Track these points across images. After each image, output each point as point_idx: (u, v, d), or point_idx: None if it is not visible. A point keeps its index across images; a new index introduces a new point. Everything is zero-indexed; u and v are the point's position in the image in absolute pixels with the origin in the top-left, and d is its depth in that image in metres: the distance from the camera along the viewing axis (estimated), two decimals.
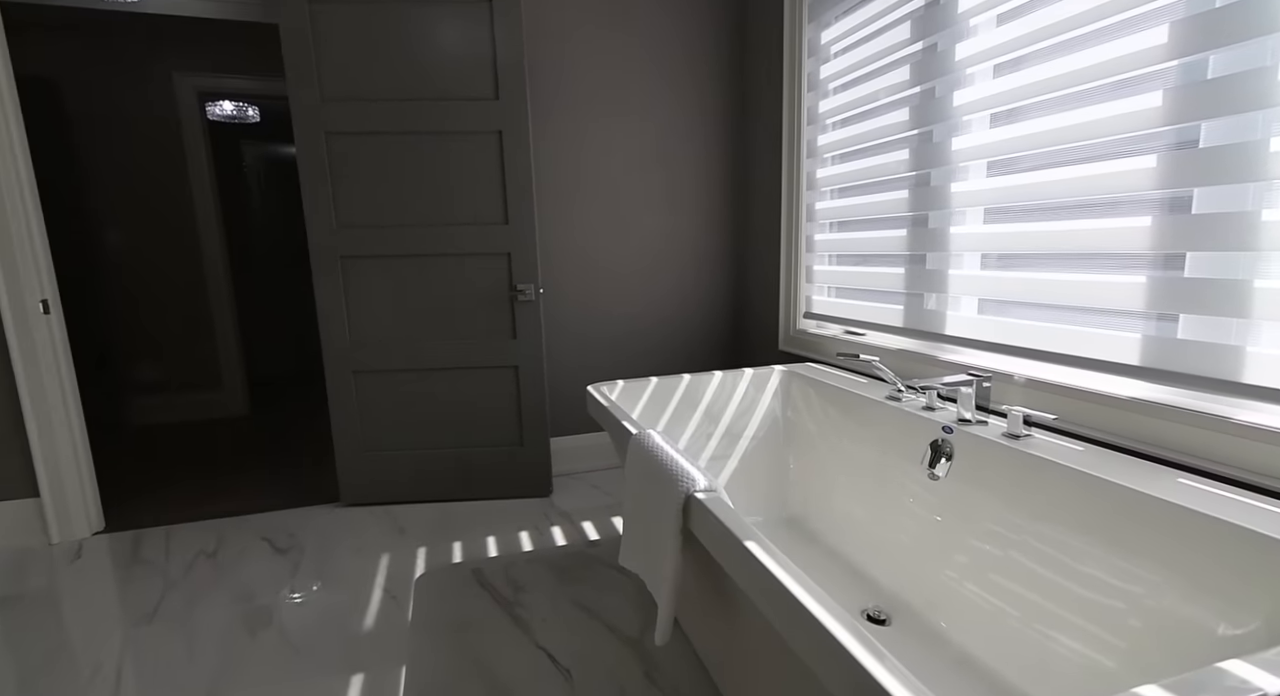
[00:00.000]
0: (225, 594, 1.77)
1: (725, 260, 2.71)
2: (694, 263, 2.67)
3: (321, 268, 2.18)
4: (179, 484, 2.66)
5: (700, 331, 2.73)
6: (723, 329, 2.76)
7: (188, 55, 3.50)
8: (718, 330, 2.76)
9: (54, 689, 1.40)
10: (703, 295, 2.71)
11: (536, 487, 2.40)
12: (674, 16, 2.46)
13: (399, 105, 2.10)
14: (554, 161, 2.43)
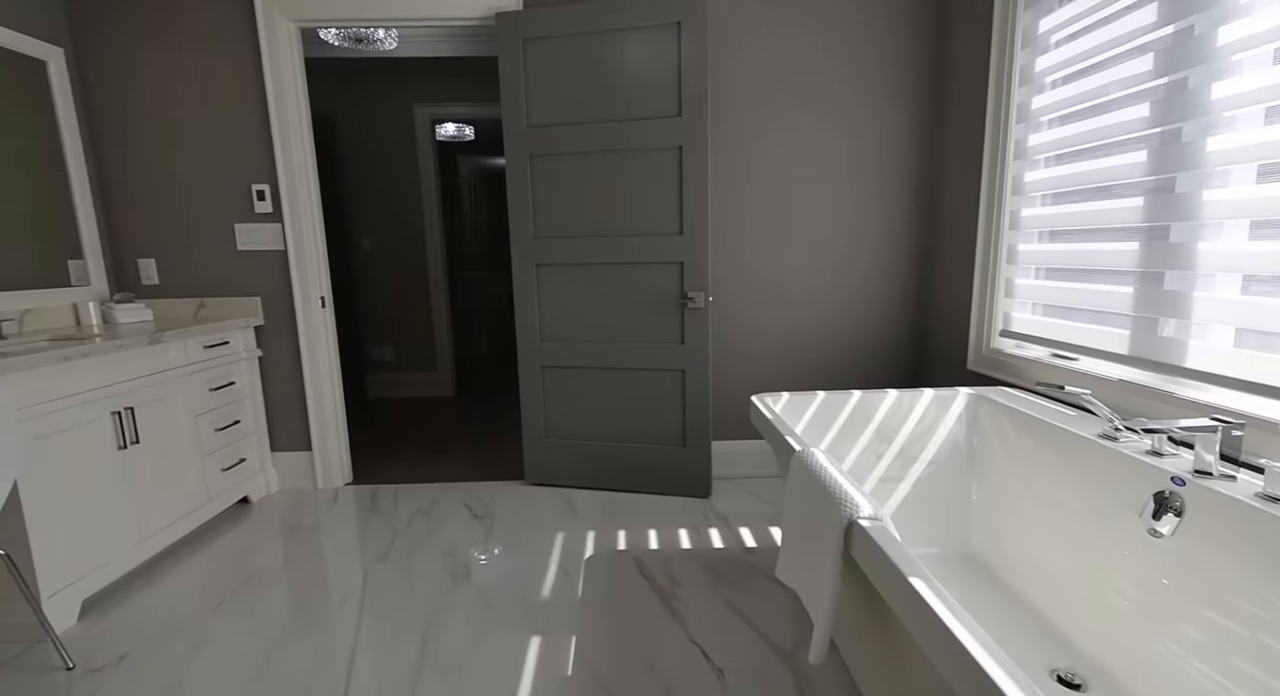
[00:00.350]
0: (436, 547, 2.11)
1: (907, 271, 2.54)
2: (871, 274, 2.55)
3: (521, 273, 2.47)
4: (403, 450, 3.20)
5: (874, 346, 2.60)
6: (900, 345, 2.60)
7: (425, 88, 4.14)
8: (894, 346, 2.60)
9: (317, 607, 1.79)
10: (879, 308, 2.57)
11: (696, 488, 2.48)
12: (862, 9, 2.36)
13: (589, 127, 2.29)
14: (725, 169, 2.48)
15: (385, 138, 4.18)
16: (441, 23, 2.37)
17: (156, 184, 2.45)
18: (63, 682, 1.47)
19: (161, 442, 2.04)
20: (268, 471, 2.62)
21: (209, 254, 2.50)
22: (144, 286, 2.52)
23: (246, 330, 2.49)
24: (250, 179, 2.45)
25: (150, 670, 1.51)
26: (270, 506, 2.51)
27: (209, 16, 2.34)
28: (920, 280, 2.55)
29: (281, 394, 2.62)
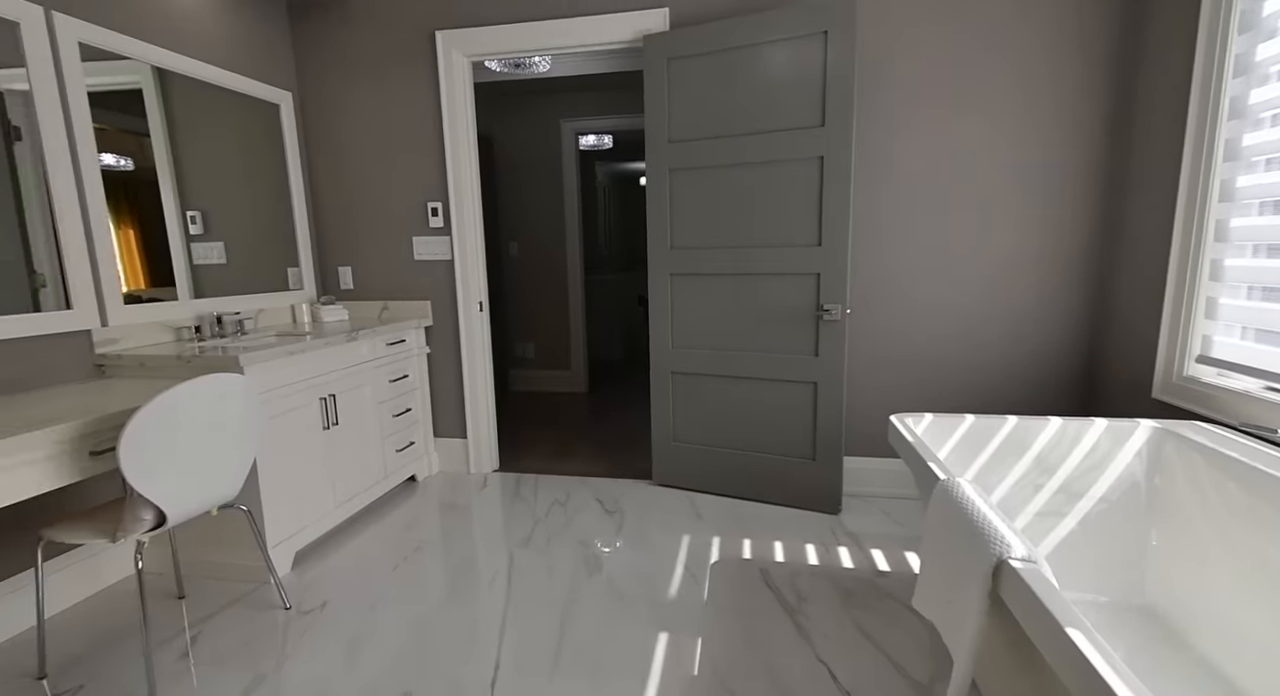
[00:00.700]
0: (572, 537, 2.28)
1: (1077, 286, 2.29)
2: (1032, 287, 2.33)
3: (656, 282, 2.57)
4: (541, 443, 3.46)
5: (1033, 368, 2.37)
6: (1066, 368, 2.35)
7: (572, 104, 4.42)
8: (1058, 369, 2.36)
9: (472, 580, 2.01)
10: (1041, 326, 2.34)
11: (825, 503, 2.43)
12: (1029, 4, 2.16)
13: (729, 140, 2.33)
14: (869, 178, 2.39)
15: (533, 152, 4.51)
16: (594, 48, 2.53)
17: (354, 203, 2.87)
18: (281, 619, 1.80)
19: (354, 425, 2.40)
20: (430, 454, 2.97)
21: (392, 263, 2.89)
22: (342, 290, 2.96)
23: (419, 330, 2.84)
24: (427, 197, 2.79)
25: (345, 617, 1.80)
26: (432, 485, 2.84)
27: (399, 59, 2.70)
28: (1093, 296, 2.29)
29: (443, 386, 2.96)
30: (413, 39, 2.67)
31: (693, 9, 2.42)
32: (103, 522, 1.49)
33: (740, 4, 2.38)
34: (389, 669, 1.57)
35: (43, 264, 1.80)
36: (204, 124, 2.33)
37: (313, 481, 2.18)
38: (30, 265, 1.77)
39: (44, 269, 1.80)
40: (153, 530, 1.49)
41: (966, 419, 1.74)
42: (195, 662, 1.61)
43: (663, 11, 2.42)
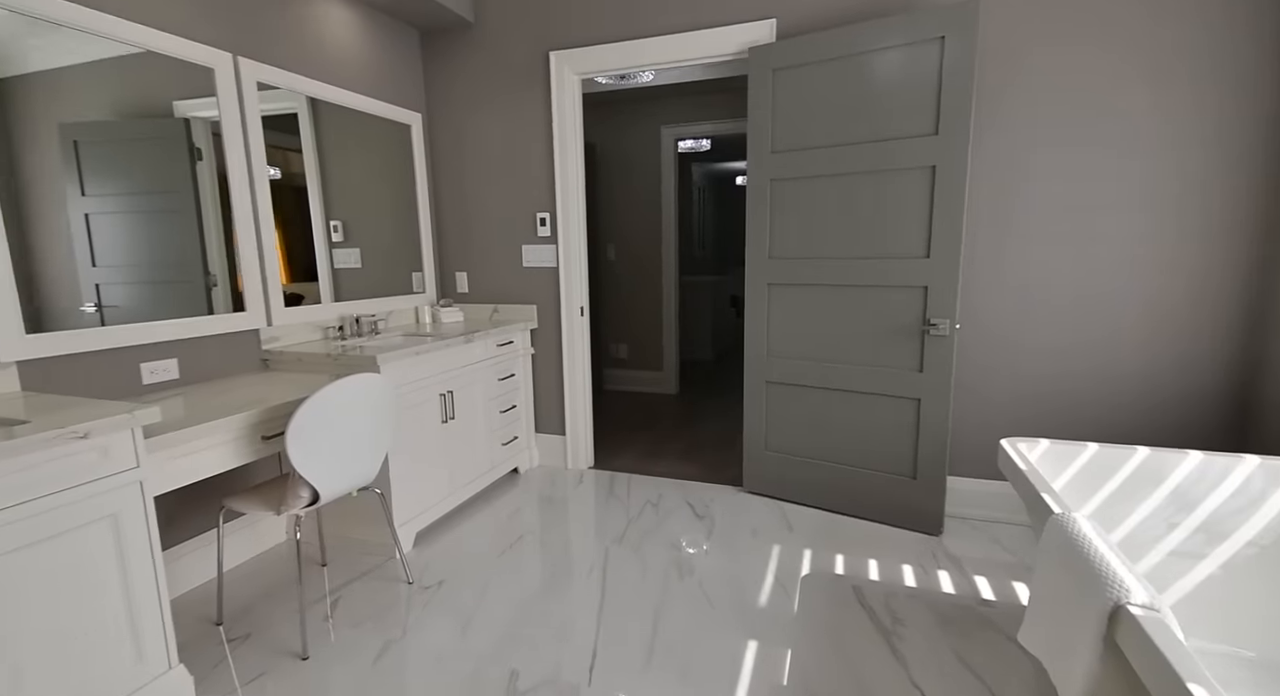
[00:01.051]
0: (663, 538, 2.35)
1: (1227, 306, 2.07)
2: (1170, 306, 2.12)
3: (752, 291, 2.59)
4: (634, 443, 3.57)
5: (1170, 395, 2.17)
6: (1211, 397, 2.13)
7: (672, 111, 4.50)
8: (1202, 396, 2.14)
9: (570, 572, 2.14)
10: (1180, 349, 2.13)
11: (926, 524, 2.35)
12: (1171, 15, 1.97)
13: (833, 150, 2.31)
14: (985, 190, 2.28)
15: (634, 158, 4.63)
16: (699, 61, 2.59)
17: (471, 213, 3.11)
18: (404, 592, 2.02)
19: (467, 419, 2.62)
20: (532, 449, 3.16)
21: (503, 269, 3.10)
22: (458, 293, 3.22)
23: (525, 332, 3.03)
24: (535, 208, 2.97)
25: (459, 595, 1.98)
26: (532, 478, 3.03)
27: (515, 79, 2.89)
28: (1248, 318, 2.06)
29: (545, 385, 3.13)
30: (528, 60, 2.85)
31: (800, 19, 2.41)
32: (270, 497, 1.75)
33: (849, 13, 2.34)
34: (497, 646, 1.72)
35: (215, 267, 2.11)
36: (346, 143, 2.62)
37: (433, 469, 2.40)
38: (206, 268, 2.08)
39: (215, 270, 2.11)
40: (308, 506, 1.73)
41: (1089, 448, 1.64)
42: (336, 624, 1.84)
43: (770, 23, 2.43)
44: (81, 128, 1.72)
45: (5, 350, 1.54)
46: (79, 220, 1.73)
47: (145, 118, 1.88)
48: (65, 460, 1.24)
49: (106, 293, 1.80)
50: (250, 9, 2.17)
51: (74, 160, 1.72)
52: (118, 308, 1.82)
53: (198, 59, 1.98)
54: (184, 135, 1.99)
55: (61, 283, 1.68)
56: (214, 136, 2.07)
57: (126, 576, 1.36)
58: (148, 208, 1.89)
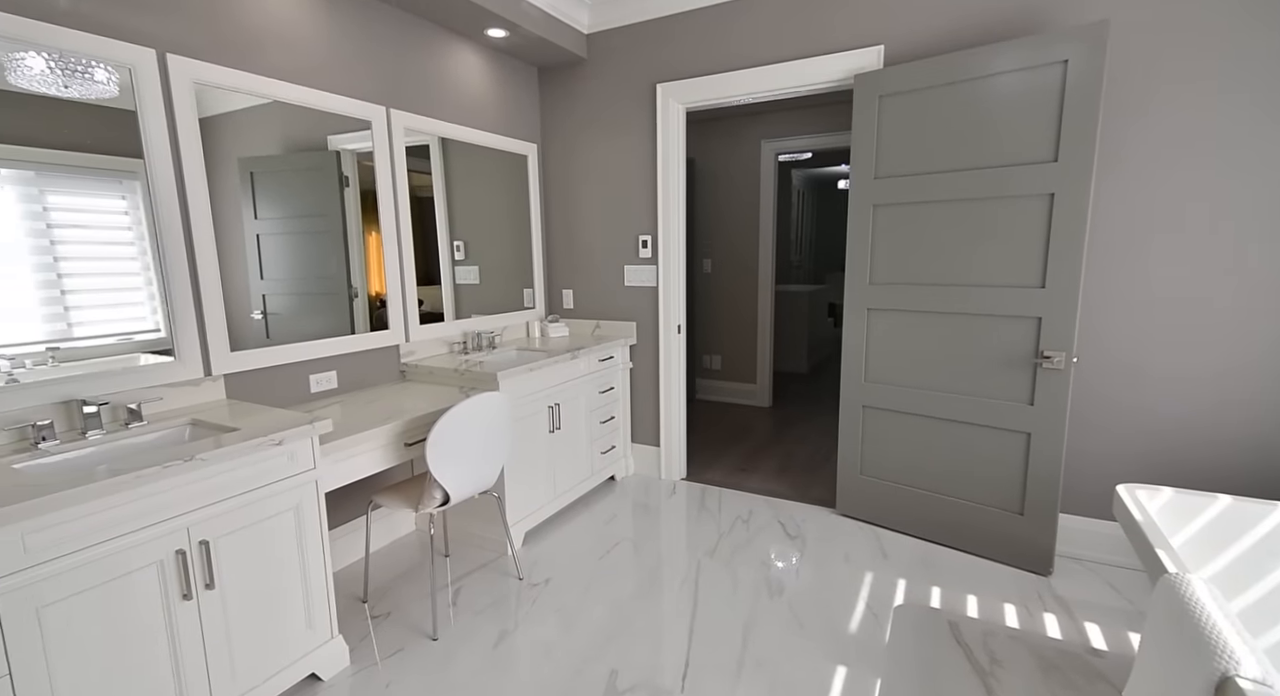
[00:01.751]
0: (754, 555, 2.43)
1: None
2: None
3: (851, 314, 2.60)
4: (725, 456, 3.65)
5: None
6: None
7: (772, 126, 4.52)
8: None
9: (663, 580, 2.27)
10: None
11: (1033, 562, 2.26)
12: None
13: (939, 176, 2.27)
14: (1107, 219, 2.15)
15: (733, 171, 4.70)
16: (804, 88, 2.63)
17: (578, 234, 3.33)
18: (514, 588, 2.23)
19: (571, 429, 2.82)
20: (628, 458, 3.33)
21: (606, 287, 3.29)
22: (564, 309, 3.45)
23: (625, 347, 3.20)
24: (638, 230, 3.13)
25: (564, 594, 2.17)
26: (628, 486, 3.19)
27: (623, 110, 3.06)
28: None
29: (641, 398, 3.29)
30: (636, 92, 3.01)
31: (909, 46, 2.39)
32: (410, 496, 2.01)
33: (960, 38, 2.30)
34: (598, 645, 1.88)
35: (355, 280, 2.41)
36: (470, 171, 2.90)
37: (540, 475, 2.62)
38: (349, 281, 2.39)
39: (356, 283, 2.41)
40: (440, 506, 1.97)
41: (1219, 500, 1.54)
42: (458, 611, 2.08)
43: (877, 49, 2.43)
44: (256, 161, 2.06)
45: (218, 365, 1.90)
46: (252, 240, 2.07)
47: (305, 151, 2.20)
48: (265, 463, 1.53)
49: (270, 302, 2.13)
50: (402, 69, 2.48)
51: (250, 188, 2.05)
52: (278, 315, 2.15)
53: (359, 114, 2.31)
54: (335, 166, 2.31)
55: (240, 294, 2.02)
56: (357, 165, 2.38)
57: (304, 558, 1.65)
58: (303, 229, 2.22)
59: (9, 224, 1.49)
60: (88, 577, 1.23)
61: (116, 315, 1.70)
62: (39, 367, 1.55)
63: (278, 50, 2.05)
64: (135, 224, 1.73)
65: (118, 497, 1.26)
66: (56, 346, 1.59)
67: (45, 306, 1.56)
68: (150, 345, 1.77)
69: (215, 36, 1.87)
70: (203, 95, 1.86)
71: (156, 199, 1.74)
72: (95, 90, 1.62)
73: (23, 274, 1.52)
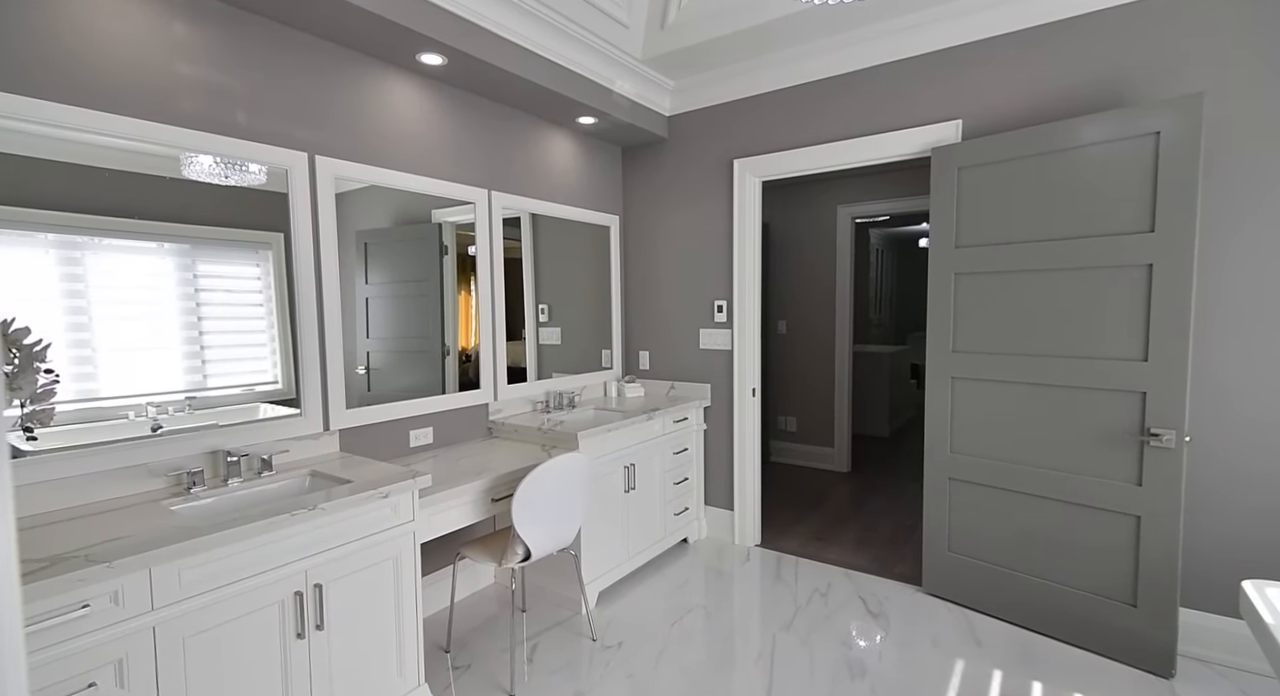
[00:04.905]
0: (833, 633, 2.33)
1: None
2: None
3: (934, 383, 2.54)
4: (802, 523, 3.54)
5: None
6: None
7: (848, 191, 4.58)
8: None
9: (737, 652, 2.22)
10: None
11: (1150, 661, 2.04)
12: None
13: (1024, 246, 2.24)
14: (1234, 291, 2.04)
15: (809, 235, 4.76)
16: (879, 161, 2.70)
17: (656, 299, 3.47)
18: (588, 649, 2.25)
19: (646, 490, 2.87)
20: (701, 521, 3.31)
21: (681, 350, 3.38)
22: (641, 370, 3.56)
23: (699, 409, 3.25)
24: (713, 296, 3.23)
25: (636, 659, 2.17)
26: (701, 550, 3.16)
27: (702, 183, 3.23)
28: None
29: (716, 460, 3.30)
30: (714, 168, 3.19)
31: (987, 120, 2.43)
32: (494, 550, 2.11)
33: (1037, 113, 2.31)
34: None
35: (448, 340, 2.61)
36: (557, 241, 3.13)
37: (615, 535, 2.67)
38: (443, 341, 2.59)
39: (449, 342, 2.61)
40: (521, 561, 2.06)
41: None
42: (534, 669, 2.12)
43: (955, 124, 2.48)
44: (370, 233, 2.32)
45: (335, 420, 2.12)
46: (362, 303, 2.31)
47: (411, 224, 2.47)
48: (373, 513, 1.68)
49: (373, 358, 2.35)
50: (502, 155, 2.77)
51: (363, 257, 2.31)
52: (379, 370, 2.36)
53: (465, 197, 2.59)
54: (436, 236, 2.56)
55: (349, 352, 2.24)
56: (456, 235, 2.62)
57: (399, 605, 1.76)
58: (405, 293, 2.45)
59: (167, 290, 1.77)
60: (226, 612, 1.38)
61: (242, 368, 1.94)
62: (179, 415, 1.79)
63: (400, 147, 2.35)
64: (265, 289, 2.00)
65: (255, 541, 1.43)
66: (194, 395, 1.83)
67: (187, 360, 1.82)
68: (269, 395, 2.01)
69: (353, 140, 2.19)
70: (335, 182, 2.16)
71: (297, 269, 2.02)
72: (248, 178, 1.93)
73: (171, 331, 1.79)
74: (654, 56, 2.87)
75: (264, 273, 2.00)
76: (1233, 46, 1.99)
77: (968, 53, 2.46)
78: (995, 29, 2.37)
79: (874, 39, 2.62)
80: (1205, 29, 2.03)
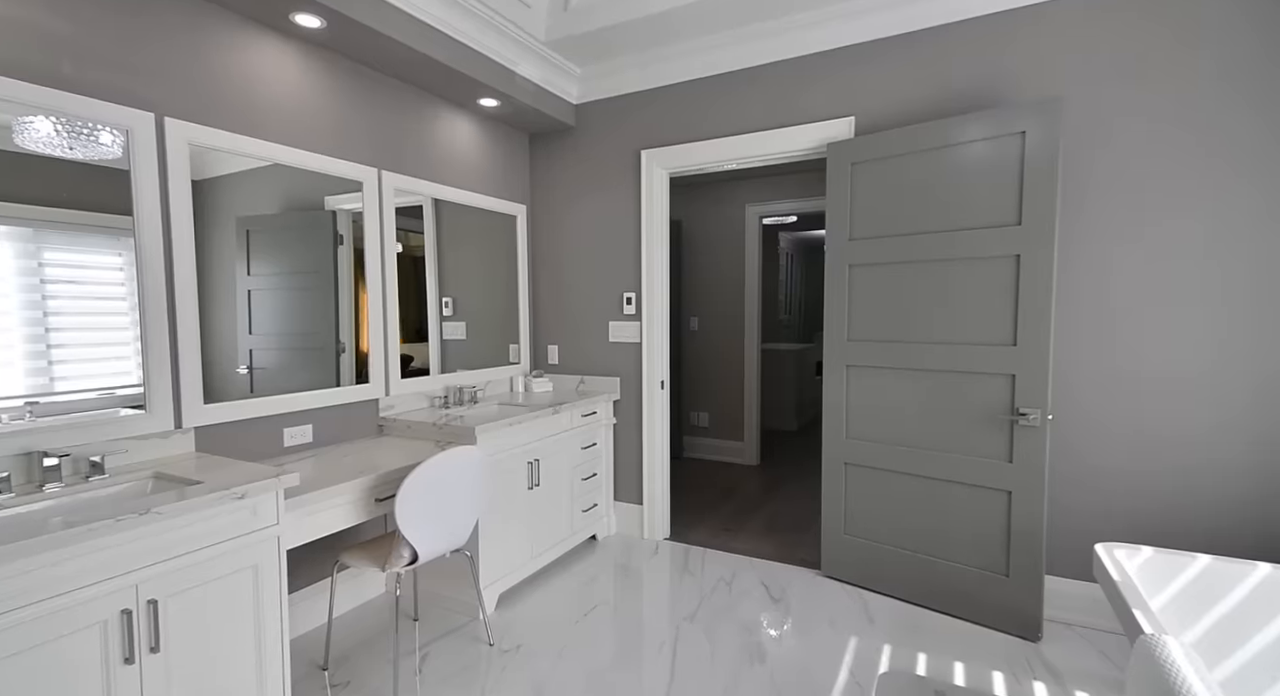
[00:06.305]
0: (736, 620, 2.34)
1: None
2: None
3: (831, 371, 2.62)
4: (710, 516, 3.57)
5: None
6: None
7: (755, 191, 4.70)
8: None
9: (641, 646, 2.17)
10: None
11: (1021, 627, 2.19)
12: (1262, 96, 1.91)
13: (911, 238, 2.36)
14: (1073, 275, 2.22)
15: (718, 234, 4.84)
16: (779, 156, 2.76)
17: (564, 292, 3.38)
18: (485, 654, 2.13)
19: (552, 486, 2.77)
20: (610, 516, 3.25)
21: (590, 343, 3.32)
22: (549, 365, 3.46)
23: (608, 403, 3.20)
24: (622, 288, 3.19)
25: (536, 661, 2.07)
26: (610, 546, 3.10)
27: (609, 174, 3.19)
28: None
29: (625, 455, 3.25)
30: (621, 157, 3.15)
31: (878, 117, 2.53)
32: (376, 555, 1.95)
33: (925, 110, 2.44)
34: None
35: (344, 336, 2.42)
36: (461, 230, 2.98)
37: (517, 534, 2.55)
38: (337, 337, 2.40)
39: (344, 338, 2.42)
40: (408, 565, 1.91)
41: (1198, 559, 1.52)
42: (424, 680, 1.98)
43: (848, 120, 2.57)
44: (253, 219, 2.11)
45: (189, 418, 1.88)
46: (243, 295, 2.09)
47: (302, 210, 2.27)
48: (228, 516, 1.49)
49: (257, 356, 2.14)
50: (396, 133, 2.60)
51: (245, 246, 2.10)
52: (264, 369, 2.15)
53: (352, 175, 2.40)
54: (331, 225, 2.37)
55: (226, 349, 2.03)
56: (352, 224, 2.44)
57: (259, 619, 1.58)
58: (295, 285, 2.25)
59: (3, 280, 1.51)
60: (27, 637, 1.17)
61: (102, 370, 1.69)
62: (16, 423, 1.53)
63: (273, 116, 2.14)
64: (129, 280, 1.75)
65: (65, 552, 1.22)
66: (36, 401, 1.58)
67: (30, 361, 1.56)
68: (134, 400, 1.76)
69: (215, 104, 1.96)
70: (204, 158, 1.93)
71: (142, 255, 1.77)
72: (99, 152, 1.68)
73: (10, 328, 1.53)
74: (558, 39, 2.80)
75: (127, 263, 1.75)
76: (1085, 57, 2.18)
77: (860, 52, 2.56)
78: (885, 31, 2.49)
79: (774, 35, 2.68)
80: (1064, 38, 2.21)
